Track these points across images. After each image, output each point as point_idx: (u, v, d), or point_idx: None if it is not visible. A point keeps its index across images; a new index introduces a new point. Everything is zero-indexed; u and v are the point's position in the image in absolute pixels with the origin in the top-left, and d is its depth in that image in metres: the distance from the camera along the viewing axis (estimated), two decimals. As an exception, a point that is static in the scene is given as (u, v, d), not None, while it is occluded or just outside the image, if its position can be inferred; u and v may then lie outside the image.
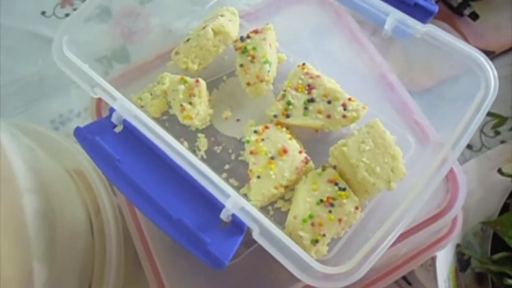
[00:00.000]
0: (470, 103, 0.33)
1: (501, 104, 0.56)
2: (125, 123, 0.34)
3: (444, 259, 0.45)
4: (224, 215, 0.31)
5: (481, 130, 0.56)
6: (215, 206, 0.31)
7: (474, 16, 0.58)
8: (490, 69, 0.34)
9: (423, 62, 0.47)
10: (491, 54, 0.58)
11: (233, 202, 0.31)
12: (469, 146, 0.56)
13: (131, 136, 0.34)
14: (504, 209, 0.48)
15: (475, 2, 0.59)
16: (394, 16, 0.37)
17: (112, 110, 0.34)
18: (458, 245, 0.49)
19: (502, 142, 0.55)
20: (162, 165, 0.33)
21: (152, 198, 0.31)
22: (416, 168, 0.36)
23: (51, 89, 0.61)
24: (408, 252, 0.41)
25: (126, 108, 0.34)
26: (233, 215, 0.31)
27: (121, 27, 0.61)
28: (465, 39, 0.58)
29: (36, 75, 0.62)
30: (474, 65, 0.34)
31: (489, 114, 0.55)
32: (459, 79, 0.38)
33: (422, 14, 0.36)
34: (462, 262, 0.49)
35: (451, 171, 0.38)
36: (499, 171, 0.51)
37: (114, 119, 0.34)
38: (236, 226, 0.30)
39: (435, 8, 0.36)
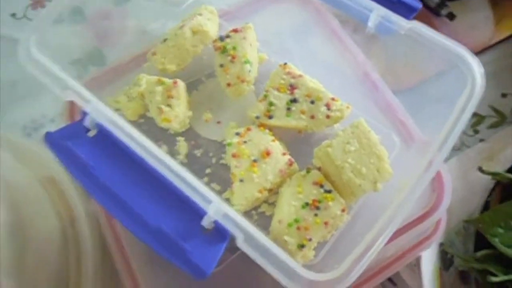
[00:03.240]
0: (455, 101, 0.33)
1: (479, 103, 0.57)
2: (99, 127, 0.33)
3: (429, 259, 0.45)
4: (206, 222, 0.29)
5: (461, 129, 0.57)
6: (196, 213, 0.30)
7: (451, 16, 0.59)
8: (476, 65, 0.34)
9: (406, 60, 0.47)
10: (468, 54, 0.59)
11: (215, 208, 0.30)
12: (449, 146, 0.56)
13: (105, 140, 0.32)
14: (486, 207, 0.49)
15: (452, 2, 0.60)
16: (378, 12, 0.36)
17: (85, 113, 0.33)
18: (441, 244, 0.49)
19: (481, 140, 0.56)
20: (139, 171, 0.31)
21: (128, 206, 0.29)
22: (401, 168, 0.36)
23: (23, 94, 0.58)
24: (394, 253, 0.40)
25: (100, 111, 0.33)
26: (215, 221, 0.29)
27: (95, 29, 0.60)
28: (443, 38, 0.59)
29: (7, 79, 0.59)
30: (459, 61, 0.34)
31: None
32: (444, 77, 0.38)
33: (405, 11, 0.36)
34: (445, 260, 0.49)
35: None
36: (480, 169, 0.51)
37: (87, 122, 0.33)
38: (219, 233, 0.29)
39: (419, 5, 0.36)
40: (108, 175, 0.30)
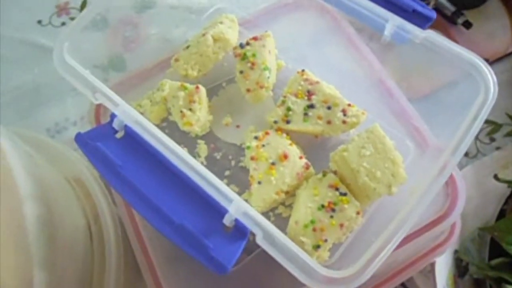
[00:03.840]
0: (469, 108, 0.33)
1: (495, 111, 0.57)
2: (127, 128, 0.34)
3: (443, 265, 0.45)
4: (227, 220, 0.31)
5: (476, 137, 0.57)
6: (217, 211, 0.31)
7: (467, 25, 0.59)
8: (489, 74, 0.34)
9: (421, 68, 0.48)
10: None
11: (236, 206, 0.31)
12: (465, 153, 0.56)
13: (132, 142, 0.34)
14: (501, 215, 0.48)
15: (468, 11, 0.60)
16: (394, 22, 0.37)
17: (113, 116, 0.34)
18: (456, 251, 0.49)
19: (497, 148, 0.56)
20: (164, 171, 0.32)
21: (154, 204, 0.31)
22: (415, 173, 0.36)
23: (47, 97, 0.61)
24: (407, 258, 0.41)
25: (128, 114, 0.34)
26: (236, 219, 0.31)
27: (118, 35, 0.62)
28: (459, 47, 0.59)
29: (32, 83, 0.61)
30: (473, 70, 0.35)
31: (485, 121, 0.56)
32: (457, 85, 0.39)
33: (420, 20, 0.37)
34: (460, 268, 0.49)
35: (450, 176, 0.39)
36: (495, 177, 0.51)
37: (115, 125, 0.34)
38: (239, 230, 0.30)
39: (433, 14, 0.37)
40: (135, 174, 0.31)
